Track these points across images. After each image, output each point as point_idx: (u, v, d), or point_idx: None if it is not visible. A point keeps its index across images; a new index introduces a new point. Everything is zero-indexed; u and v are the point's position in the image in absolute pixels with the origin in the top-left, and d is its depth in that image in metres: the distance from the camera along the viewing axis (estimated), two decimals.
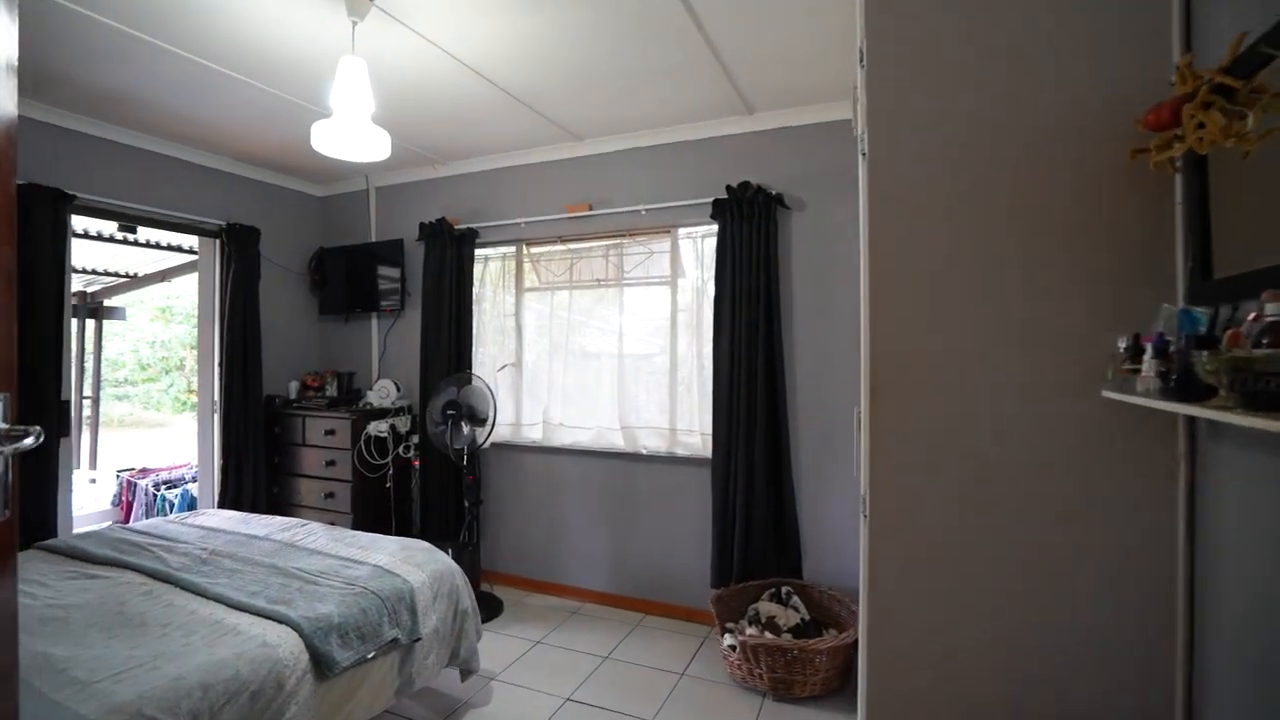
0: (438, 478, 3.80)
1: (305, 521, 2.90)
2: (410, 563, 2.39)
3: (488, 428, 3.45)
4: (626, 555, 3.50)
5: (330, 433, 3.72)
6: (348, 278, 4.18)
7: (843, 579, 3.00)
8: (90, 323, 6.10)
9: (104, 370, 10.88)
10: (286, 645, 1.80)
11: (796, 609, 2.88)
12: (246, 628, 1.85)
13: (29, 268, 2.92)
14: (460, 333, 3.81)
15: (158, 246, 4.63)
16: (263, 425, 3.87)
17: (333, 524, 3.66)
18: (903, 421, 1.38)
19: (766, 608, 2.88)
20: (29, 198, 2.91)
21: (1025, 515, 1.30)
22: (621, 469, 3.51)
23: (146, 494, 4.46)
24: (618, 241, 3.57)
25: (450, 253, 3.80)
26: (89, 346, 6.13)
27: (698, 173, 3.31)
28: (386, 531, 3.78)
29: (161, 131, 3.34)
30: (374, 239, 4.18)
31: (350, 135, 2.08)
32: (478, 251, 3.87)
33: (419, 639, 2.17)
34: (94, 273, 5.63)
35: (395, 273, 4.03)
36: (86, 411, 6.21)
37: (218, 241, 3.80)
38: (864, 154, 1.50)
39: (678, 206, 3.33)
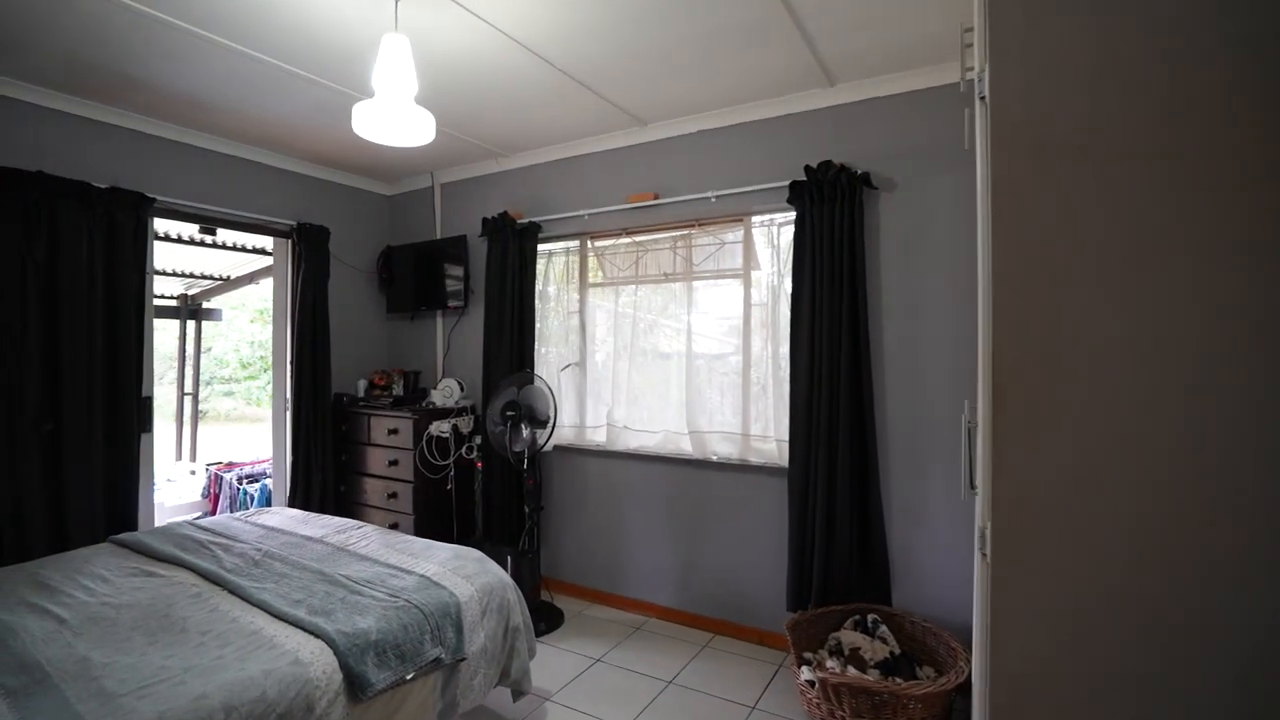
0: (499, 481, 3.68)
1: (361, 524, 2.83)
2: (459, 574, 2.24)
3: (548, 430, 3.30)
4: (694, 569, 3.25)
5: (393, 432, 3.68)
6: (414, 276, 4.15)
7: (942, 610, 2.63)
8: (191, 324, 6.47)
9: (212, 368, 11.71)
10: (319, 664, 1.67)
11: (885, 640, 2.54)
12: (282, 641, 1.74)
13: (111, 269, 3.01)
14: (522, 331, 3.68)
15: (236, 249, 4.80)
16: (330, 423, 3.89)
17: (395, 525, 3.63)
18: (1041, 436, 1.06)
19: (850, 638, 2.56)
20: (112, 201, 2.99)
21: (1245, 579, 0.95)
22: (690, 476, 3.26)
23: (230, 487, 4.63)
24: (685, 232, 3.33)
25: (512, 248, 3.68)
26: (189, 346, 6.49)
27: (772, 154, 3.02)
28: (448, 535, 3.70)
29: (234, 134, 3.39)
30: (439, 236, 4.13)
31: (392, 117, 1.95)
32: (541, 246, 3.73)
33: (464, 658, 2.02)
34: (191, 276, 5.95)
35: (459, 270, 3.96)
36: (196, 407, 6.58)
37: (289, 242, 3.85)
38: (983, 98, 1.19)
39: (750, 192, 3.05)
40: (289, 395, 3.83)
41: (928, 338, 2.68)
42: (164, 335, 6.84)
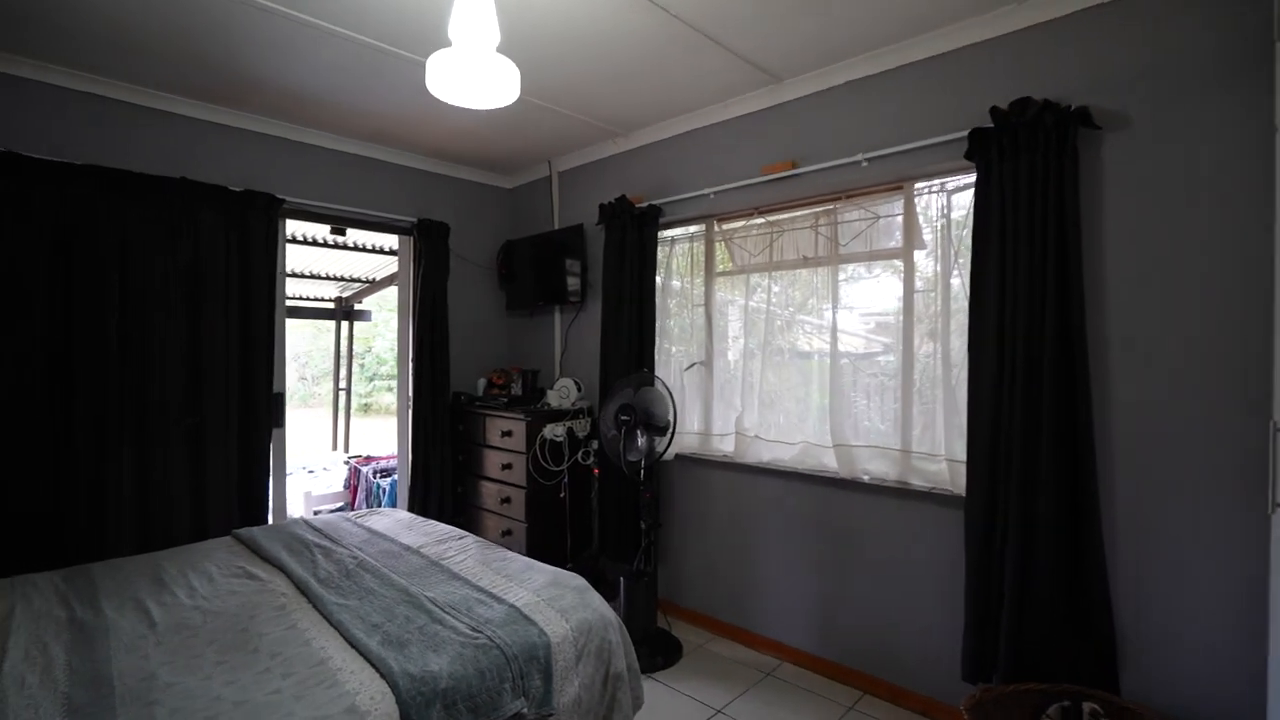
0: (617, 490, 3.37)
1: (464, 534, 2.62)
2: (554, 606, 1.92)
3: (667, 438, 2.92)
4: (840, 610, 2.70)
5: (506, 434, 3.50)
6: (532, 270, 3.97)
7: (1205, 708, 1.89)
8: (345, 324, 6.92)
9: (374, 365, 12.71)
10: (376, 715, 1.41)
11: None
12: (345, 679, 1.51)
13: (245, 270, 3.08)
14: (641, 327, 3.33)
15: (374, 250, 4.94)
16: (449, 423, 3.81)
17: (508, 532, 3.44)
18: None
19: None
20: (245, 203, 3.07)
21: None
22: (835, 498, 2.72)
23: (367, 480, 4.77)
24: (830, 207, 2.79)
25: (630, 235, 3.34)
26: (344, 345, 6.95)
27: (941, 101, 2.40)
28: (561, 547, 3.45)
29: (351, 130, 3.38)
30: (556, 227, 3.92)
31: (469, 70, 1.66)
32: (662, 234, 3.37)
33: (551, 714, 1.68)
34: (343, 279, 6.33)
35: (576, 263, 3.71)
36: (350, 402, 7.05)
37: (411, 239, 3.82)
38: None
39: (912, 150, 2.45)
40: (410, 394, 3.79)
41: (1183, 327, 1.94)
42: (325, 336, 7.37)
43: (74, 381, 2.63)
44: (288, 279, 6.24)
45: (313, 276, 6.05)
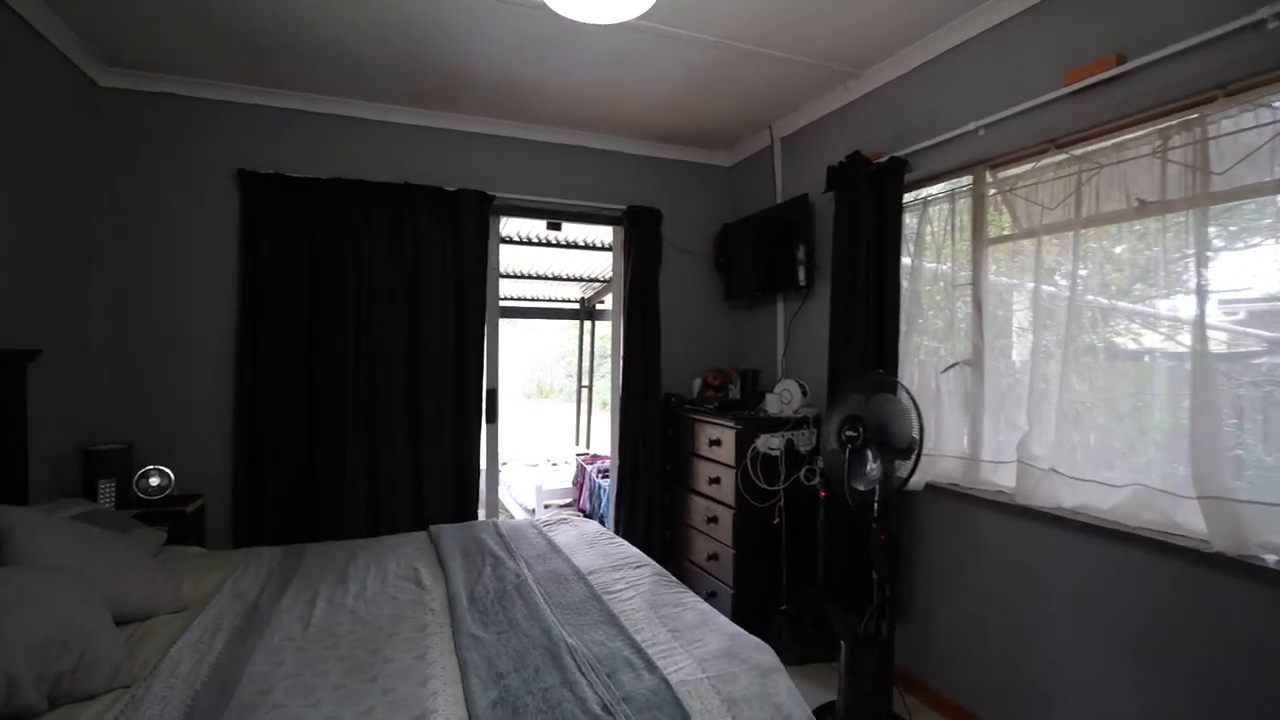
0: (844, 523, 2.68)
1: (644, 562, 2.24)
2: (721, 693, 1.41)
3: (910, 462, 2.16)
4: None
5: (715, 443, 3.04)
6: (751, 254, 3.45)
7: None
8: (588, 323, 7.19)
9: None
10: None
11: None
12: None
13: (459, 268, 3.14)
14: (881, 316, 2.59)
15: (597, 248, 4.89)
16: (659, 427, 3.49)
17: (714, 557, 2.99)
18: None
19: None
20: (458, 203, 3.12)
21: None
22: (1201, 584, 1.68)
23: (591, 479, 4.74)
24: (1185, 117, 1.76)
25: (866, 200, 2.63)
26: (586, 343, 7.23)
27: None
28: (774, 581, 2.87)
29: (553, 118, 3.26)
30: (779, 201, 3.34)
31: None
32: (909, 196, 2.58)
33: None
34: (583, 279, 6.54)
35: (801, 243, 3.09)
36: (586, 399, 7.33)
37: (621, 229, 3.59)
38: None
39: None
40: (619, 394, 3.57)
41: None
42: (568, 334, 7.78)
43: (318, 375, 2.91)
44: (537, 281, 6.77)
45: (555, 278, 6.35)
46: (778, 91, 2.95)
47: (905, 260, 2.59)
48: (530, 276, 6.30)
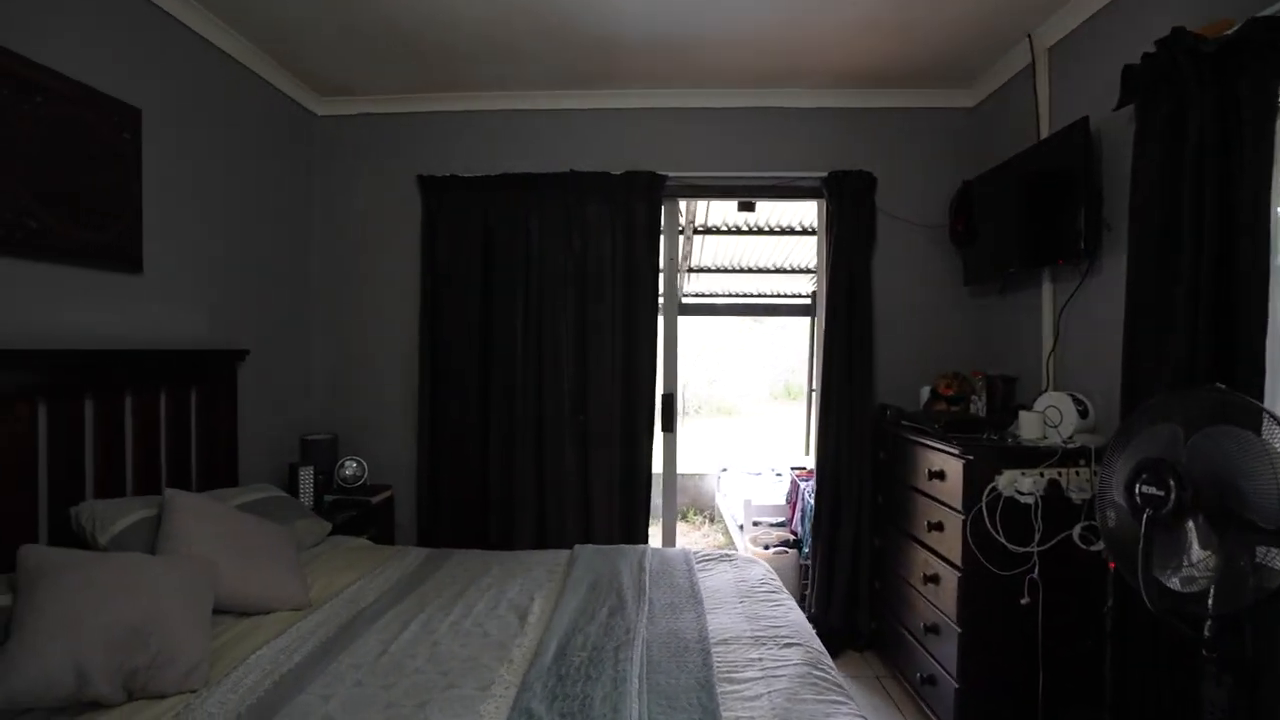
0: (1151, 618, 1.70)
1: (799, 638, 1.64)
2: None
3: None
4: None
5: (936, 475, 2.23)
6: (1004, 217, 2.51)
7: None
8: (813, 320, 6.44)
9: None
10: None
11: None
12: None
13: (628, 259, 2.84)
14: (1228, 294, 1.58)
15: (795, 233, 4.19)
16: (868, 448, 2.76)
17: (933, 629, 2.22)
18: None
19: None
20: (625, 187, 2.82)
21: None
22: None
23: (803, 498, 4.09)
24: None
25: (1199, 105, 1.62)
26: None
27: None
28: (1026, 688, 1.98)
29: (736, 78, 2.74)
30: (1043, 136, 2.35)
31: None
32: None
33: None
34: (811, 271, 5.84)
35: (1078, 191, 2.10)
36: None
37: (821, 202, 2.93)
38: None
39: None
40: (817, 405, 2.93)
41: None
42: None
43: (490, 378, 2.86)
44: (759, 275, 6.25)
45: (778, 270, 5.77)
46: None
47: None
48: (751, 270, 5.83)
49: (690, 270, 5.77)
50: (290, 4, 2.20)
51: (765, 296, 6.71)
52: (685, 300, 7.00)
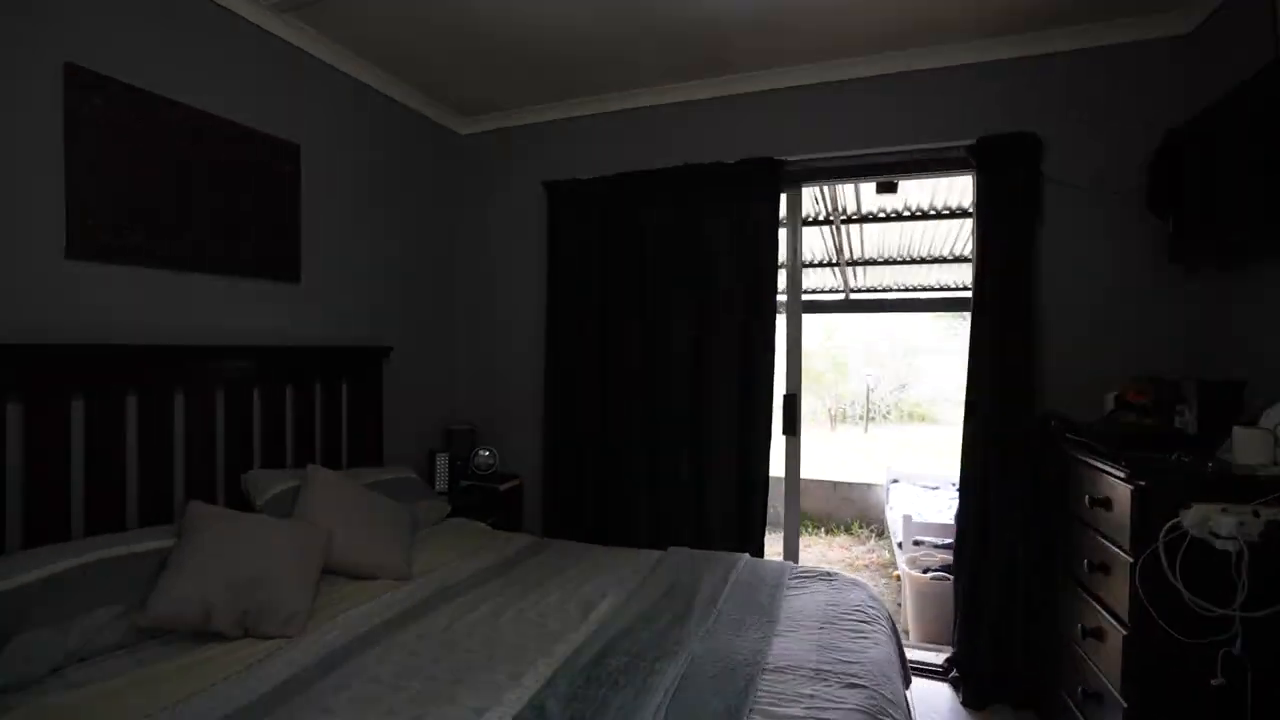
0: None
1: (862, 679, 1.40)
2: None
3: None
4: None
5: (1100, 503, 1.77)
6: (1231, 170, 1.90)
7: None
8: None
9: None
10: None
11: None
12: None
13: (744, 252, 2.69)
14: None
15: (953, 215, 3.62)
16: (1024, 465, 2.30)
17: (1094, 696, 1.82)
18: None
19: None
20: (741, 176, 2.68)
21: None
22: None
23: None
24: None
25: None
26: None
27: None
28: None
29: (857, 43, 2.45)
30: None
31: None
32: None
33: None
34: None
35: None
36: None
37: (971, 175, 2.50)
38: None
39: None
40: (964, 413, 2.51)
41: None
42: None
43: (607, 377, 2.90)
44: (919, 266, 5.50)
45: (937, 260, 5.09)
46: None
47: None
48: (910, 261, 5.24)
49: (848, 264, 5.34)
50: (433, 42, 2.47)
51: (948, 290, 5.97)
52: (855, 296, 6.49)
